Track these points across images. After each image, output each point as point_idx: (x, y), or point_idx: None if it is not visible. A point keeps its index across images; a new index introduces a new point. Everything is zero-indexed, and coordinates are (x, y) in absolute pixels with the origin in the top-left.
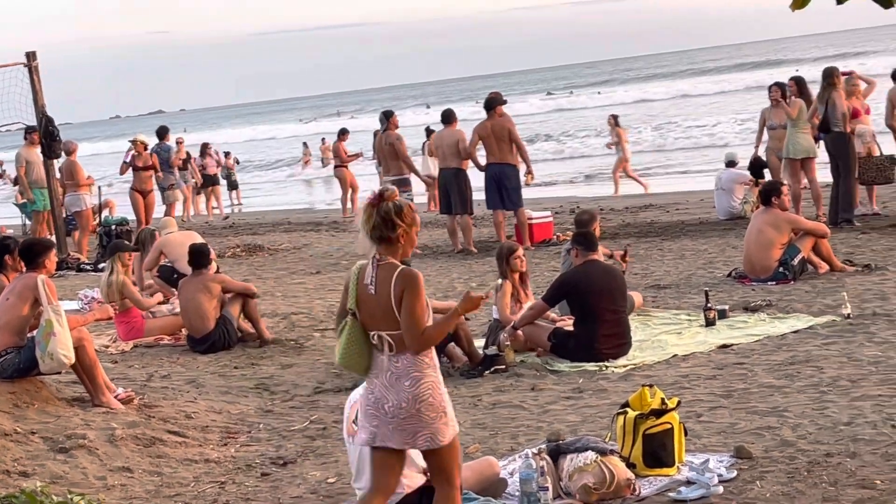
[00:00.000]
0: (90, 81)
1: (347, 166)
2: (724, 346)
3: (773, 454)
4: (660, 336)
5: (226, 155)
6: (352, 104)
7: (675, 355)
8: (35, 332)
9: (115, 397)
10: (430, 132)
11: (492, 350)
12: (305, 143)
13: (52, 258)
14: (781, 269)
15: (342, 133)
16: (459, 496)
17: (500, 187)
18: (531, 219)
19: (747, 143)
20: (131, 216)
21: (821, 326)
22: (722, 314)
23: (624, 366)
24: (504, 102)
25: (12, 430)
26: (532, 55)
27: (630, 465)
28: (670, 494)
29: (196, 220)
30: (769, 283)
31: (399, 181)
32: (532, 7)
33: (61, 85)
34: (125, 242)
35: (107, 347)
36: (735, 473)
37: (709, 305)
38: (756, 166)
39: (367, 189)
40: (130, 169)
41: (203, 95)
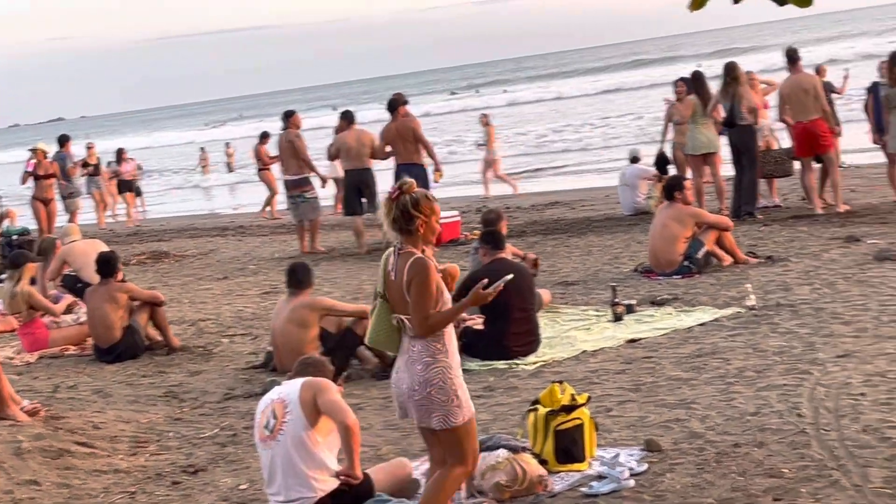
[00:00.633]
0: None
1: (270, 169)
2: (632, 341)
3: (683, 446)
4: (569, 332)
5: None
6: (255, 108)
7: (584, 351)
8: None
9: (21, 409)
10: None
11: None
12: (203, 149)
13: None
14: (686, 263)
15: (263, 136)
16: (460, 478)
17: None
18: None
19: (647, 141)
20: (33, 225)
21: (726, 318)
22: (629, 309)
23: (534, 363)
24: (406, 103)
25: None
26: (435, 55)
27: (542, 462)
28: (582, 490)
29: (114, 225)
30: (675, 277)
31: (299, 180)
32: (434, 7)
33: None
34: (27, 252)
35: (11, 359)
36: (645, 467)
37: (616, 300)
38: (661, 161)
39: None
40: (31, 178)
41: (104, 101)
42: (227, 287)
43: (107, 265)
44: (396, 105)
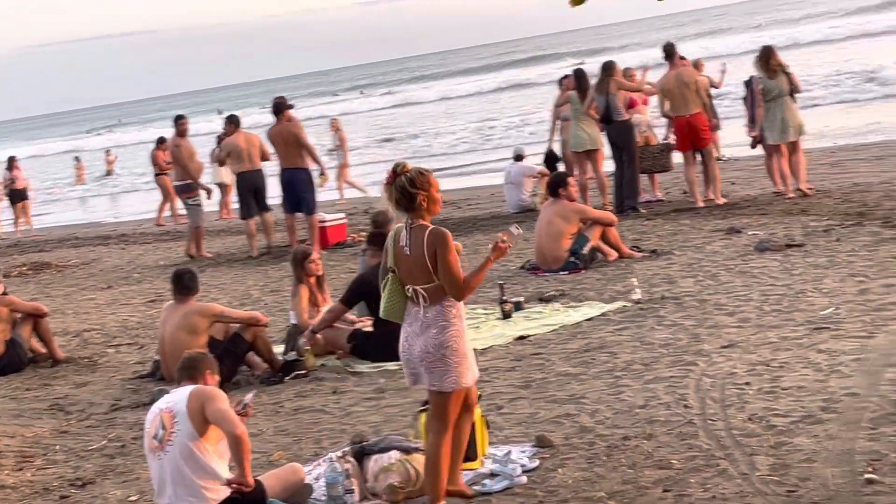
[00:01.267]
0: None
1: (167, 174)
2: (521, 338)
3: (573, 441)
4: None
5: None
6: (135, 114)
7: (474, 349)
8: None
9: None
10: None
11: (291, 356)
12: (77, 158)
13: None
14: (572, 259)
15: (160, 142)
16: (452, 442)
17: (293, 192)
18: (324, 221)
19: (533, 141)
20: None
21: (613, 313)
22: (517, 306)
23: None
24: (290, 106)
25: None
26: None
27: None
28: (475, 488)
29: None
30: (561, 273)
31: (182, 186)
32: (315, 10)
33: None
34: None
35: None
36: (537, 463)
37: (504, 298)
38: (550, 159)
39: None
40: None
41: None
42: (112, 296)
43: None
44: (281, 109)
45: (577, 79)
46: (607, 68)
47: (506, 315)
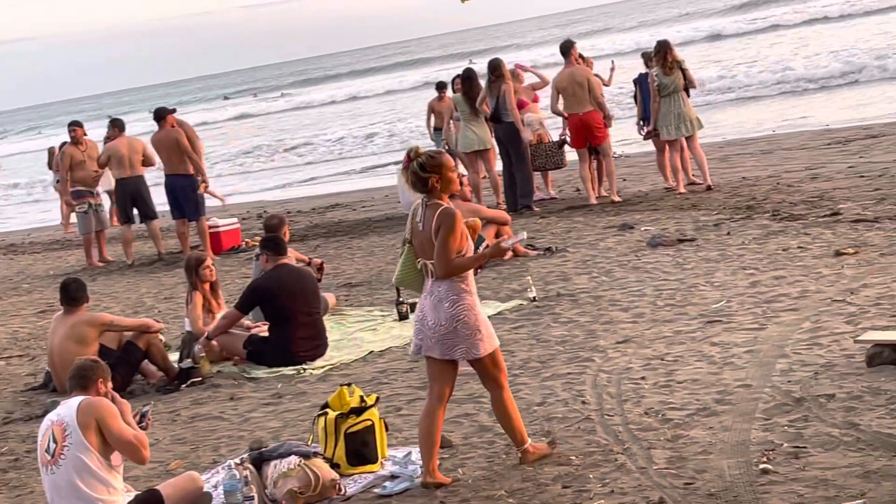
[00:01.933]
0: None
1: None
2: None
3: (473, 440)
4: (355, 334)
5: None
6: (10, 123)
7: (372, 352)
8: None
9: None
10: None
11: (187, 363)
12: None
13: None
14: None
15: (63, 146)
16: (509, 395)
17: (178, 198)
18: (217, 227)
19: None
20: None
21: (509, 311)
22: (414, 307)
23: (321, 367)
24: (172, 111)
25: None
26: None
27: (334, 466)
28: (376, 490)
29: None
30: None
31: (74, 193)
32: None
33: None
34: None
35: None
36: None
37: (401, 300)
38: None
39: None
40: None
41: None
42: (1, 308)
43: None
44: (163, 115)
45: (465, 80)
46: (495, 67)
47: (403, 316)
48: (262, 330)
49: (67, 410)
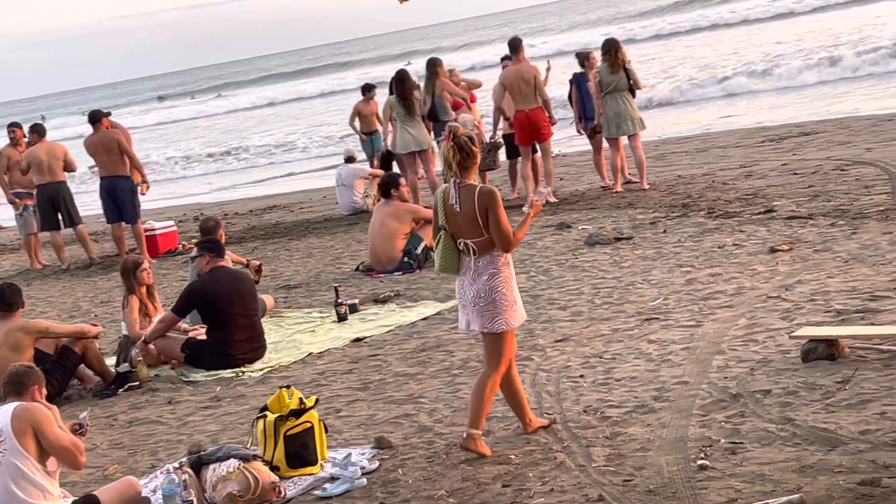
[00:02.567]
0: None
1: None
2: (358, 340)
3: (413, 441)
4: (294, 336)
5: None
6: None
7: (311, 353)
8: None
9: None
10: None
11: (124, 367)
12: None
13: None
14: (406, 259)
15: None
16: (500, 380)
17: (116, 200)
18: (154, 230)
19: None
20: None
21: (448, 311)
22: (353, 308)
23: (260, 369)
24: (108, 114)
25: None
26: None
27: (274, 468)
28: (316, 492)
29: None
30: (396, 274)
31: (13, 195)
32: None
33: None
34: None
35: None
36: (377, 464)
37: (339, 301)
38: (386, 158)
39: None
40: None
41: None
42: None
43: None
44: (99, 117)
45: (398, 81)
46: (431, 65)
47: (341, 318)
48: (200, 333)
49: (2, 417)
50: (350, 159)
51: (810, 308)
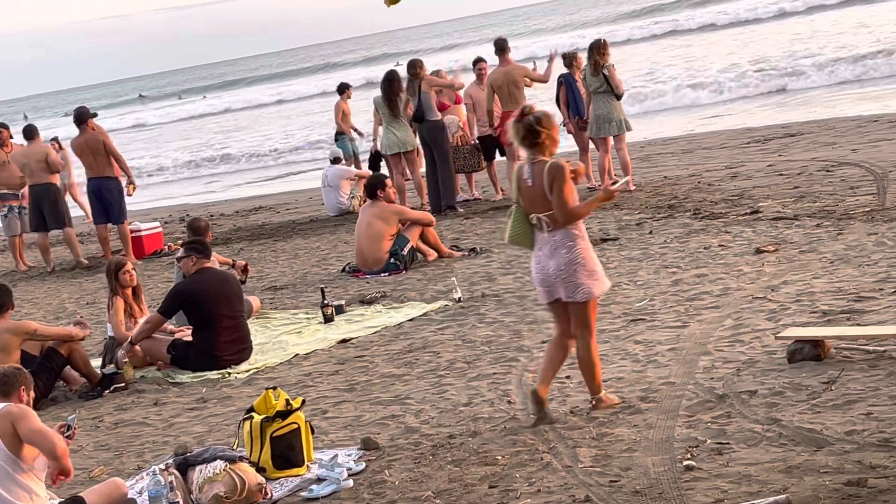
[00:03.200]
0: None
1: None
2: (344, 341)
3: (399, 442)
4: (280, 337)
5: None
6: None
7: (297, 355)
8: None
9: None
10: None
11: (110, 369)
12: None
13: None
14: (393, 260)
15: None
16: (596, 343)
17: (102, 201)
18: (139, 230)
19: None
20: None
21: (434, 312)
22: (339, 309)
23: (246, 371)
24: (94, 115)
25: None
26: (122, 65)
27: (260, 470)
28: (302, 494)
29: None
30: (382, 275)
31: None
32: (117, 16)
33: None
34: None
35: None
36: (364, 465)
37: (325, 302)
38: (374, 159)
39: None
40: None
41: None
42: None
43: None
44: (83, 118)
45: (384, 82)
46: (412, 67)
47: (328, 319)
48: (186, 334)
49: None
50: (336, 160)
51: (796, 309)
